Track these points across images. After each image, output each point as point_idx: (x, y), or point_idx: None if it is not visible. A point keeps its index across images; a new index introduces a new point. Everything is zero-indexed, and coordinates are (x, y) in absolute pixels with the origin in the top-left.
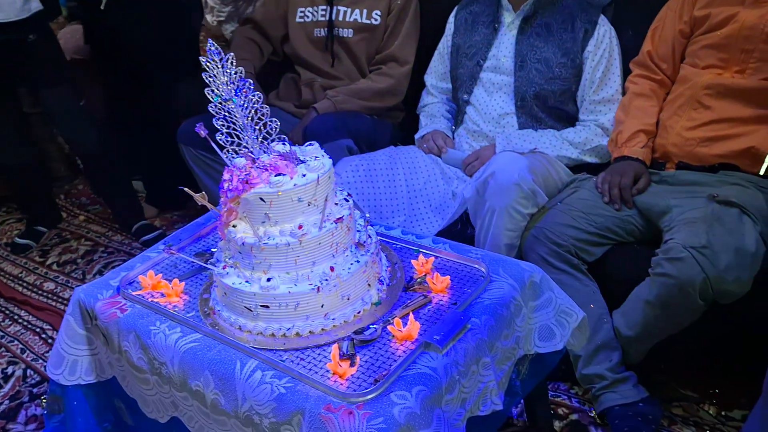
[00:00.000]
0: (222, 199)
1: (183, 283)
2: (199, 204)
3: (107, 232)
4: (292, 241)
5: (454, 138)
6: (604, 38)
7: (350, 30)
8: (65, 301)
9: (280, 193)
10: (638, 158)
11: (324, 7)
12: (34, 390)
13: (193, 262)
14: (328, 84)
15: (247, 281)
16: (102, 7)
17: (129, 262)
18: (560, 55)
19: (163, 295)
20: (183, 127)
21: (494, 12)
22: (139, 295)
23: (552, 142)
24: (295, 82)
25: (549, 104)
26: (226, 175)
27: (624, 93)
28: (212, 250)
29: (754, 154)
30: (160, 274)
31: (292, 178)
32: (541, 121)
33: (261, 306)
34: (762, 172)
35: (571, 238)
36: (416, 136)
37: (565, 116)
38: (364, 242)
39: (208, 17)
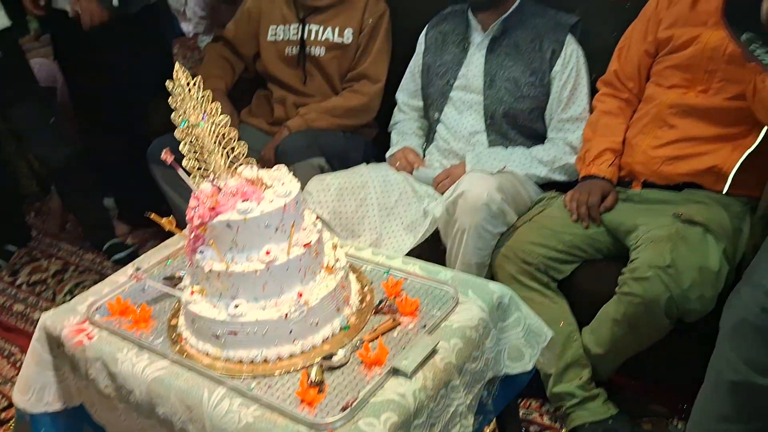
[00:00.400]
0: (189, 226)
1: (151, 308)
2: (166, 229)
3: (78, 250)
4: (260, 268)
5: (425, 156)
6: (571, 58)
7: (322, 48)
8: (35, 323)
9: (246, 220)
10: (605, 176)
11: (296, 25)
12: (2, 414)
13: (160, 287)
14: (300, 101)
15: (214, 308)
16: (71, 16)
17: (96, 286)
18: (528, 74)
19: (130, 321)
20: (153, 146)
21: (464, 31)
22: (106, 321)
23: (521, 160)
24: (267, 100)
25: (518, 122)
26: (192, 202)
27: (591, 111)
28: (181, 273)
29: (717, 173)
30: (128, 299)
31: (259, 204)
32: (510, 139)
33: (229, 333)
34: (725, 190)
35: (541, 256)
36: (387, 154)
37: (534, 134)
38: (333, 266)
39: (186, 26)
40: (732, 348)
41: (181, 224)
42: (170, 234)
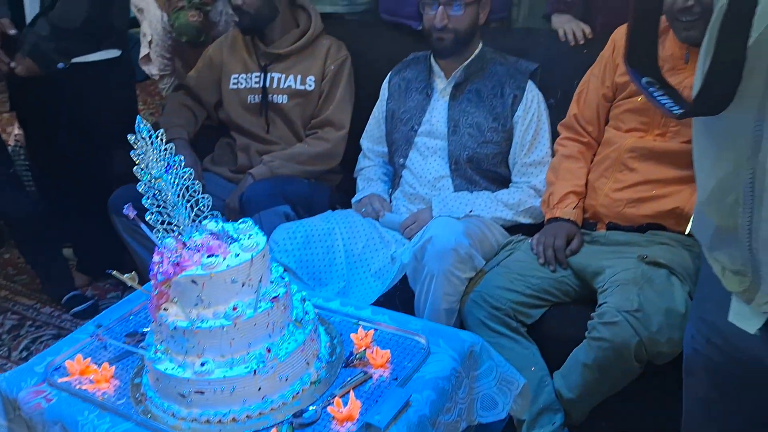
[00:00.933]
0: (152, 282)
1: (113, 367)
2: (129, 285)
3: (35, 303)
4: (227, 324)
5: (391, 201)
6: (532, 103)
7: (285, 96)
8: None
9: (212, 275)
10: (570, 219)
11: (258, 74)
12: None
13: (122, 346)
14: (264, 149)
15: (180, 366)
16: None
17: (55, 345)
18: (491, 119)
19: (92, 381)
20: (114, 196)
21: (427, 78)
22: (65, 381)
23: (487, 204)
24: (230, 147)
25: (482, 167)
26: (156, 257)
27: (553, 155)
28: (144, 330)
29: (679, 214)
30: (89, 358)
31: (225, 259)
32: (475, 184)
33: (195, 392)
34: (687, 231)
35: (510, 301)
36: (353, 200)
37: (499, 178)
38: (302, 319)
39: (149, 69)
40: (691, 379)
41: (144, 276)
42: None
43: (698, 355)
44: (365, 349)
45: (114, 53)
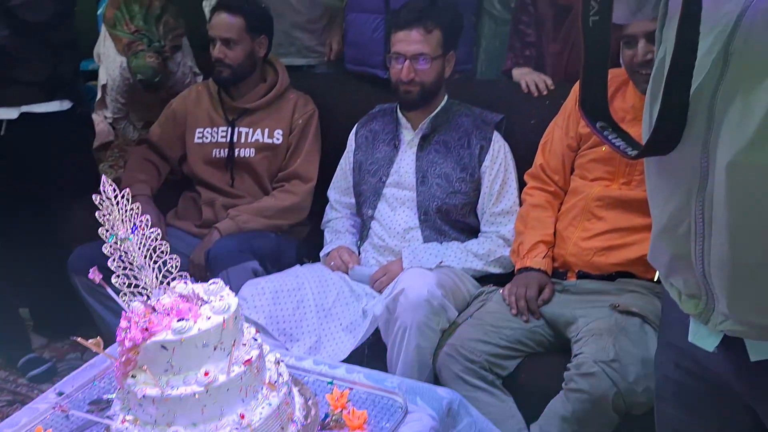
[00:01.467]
0: (119, 349)
1: None
2: (93, 351)
3: None
4: (198, 390)
5: (360, 253)
6: (499, 153)
7: (252, 150)
8: None
9: (183, 340)
10: (540, 269)
11: (224, 128)
12: None
13: (86, 416)
14: (229, 203)
15: None
16: None
17: (14, 416)
18: (459, 170)
19: None
20: (74, 255)
21: (394, 130)
22: None
23: (457, 254)
24: (194, 201)
25: (451, 217)
26: (123, 323)
27: (521, 204)
28: (109, 396)
29: (647, 262)
30: (50, 429)
31: (195, 322)
32: (445, 234)
33: None
34: (656, 278)
35: (484, 353)
36: (321, 254)
37: (468, 228)
38: (275, 381)
39: (104, 112)
40: (663, 405)
41: (108, 338)
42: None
43: (667, 381)
44: (341, 410)
45: (66, 105)
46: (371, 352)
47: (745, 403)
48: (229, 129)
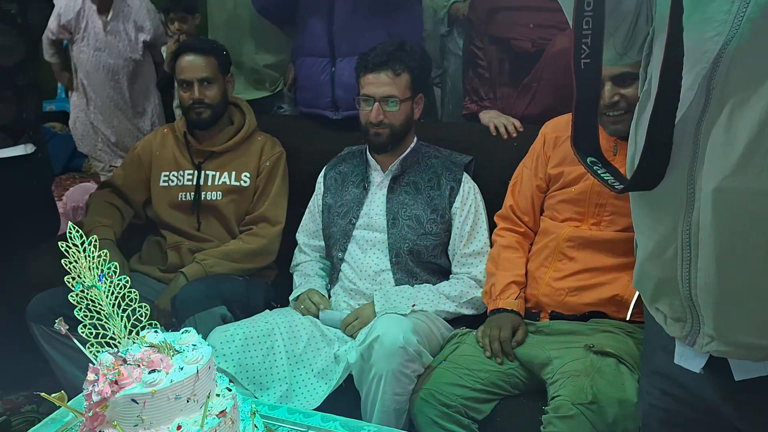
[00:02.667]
0: (86, 404)
1: None
2: (57, 405)
3: None
4: None
5: (330, 297)
6: (469, 194)
7: (219, 193)
8: None
9: (154, 392)
10: (513, 309)
11: (191, 171)
12: None
13: None
14: (196, 246)
15: None
16: None
17: None
18: (429, 211)
19: None
20: (33, 303)
21: (363, 171)
22: None
23: (429, 297)
24: (159, 245)
25: (423, 259)
26: (91, 375)
27: (492, 245)
28: None
29: (619, 301)
30: None
31: (167, 374)
32: (416, 277)
33: None
34: (628, 317)
35: (460, 397)
36: (291, 297)
37: (439, 270)
38: None
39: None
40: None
41: (68, 389)
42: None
43: (654, 409)
44: None
45: (29, 149)
46: (345, 400)
47: (733, 426)
48: (196, 172)
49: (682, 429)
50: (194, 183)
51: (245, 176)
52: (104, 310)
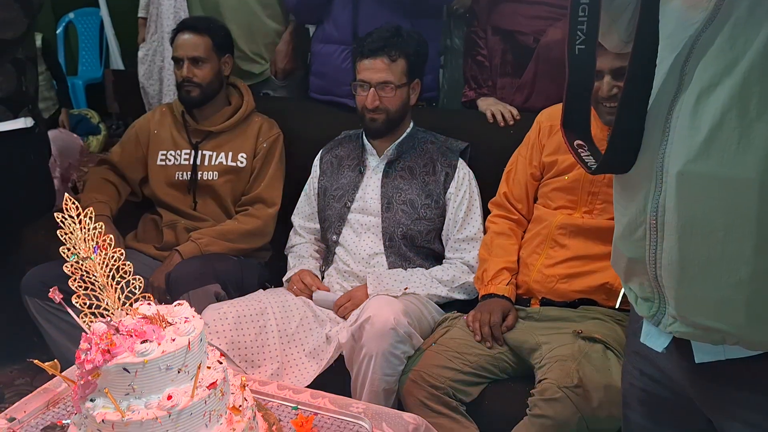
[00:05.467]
0: (78, 371)
1: None
2: (50, 373)
3: None
4: (161, 415)
5: (323, 278)
6: (464, 180)
7: (215, 173)
8: None
9: (146, 362)
10: (504, 295)
11: (188, 151)
12: None
13: None
14: (192, 225)
15: None
16: None
17: None
18: (424, 196)
19: None
20: (28, 277)
21: (359, 156)
22: None
23: (422, 280)
24: (155, 224)
25: (416, 243)
26: (83, 344)
27: (485, 231)
28: (65, 421)
29: (608, 289)
30: None
31: (159, 344)
32: (409, 260)
33: None
34: (617, 305)
35: (448, 380)
36: (284, 278)
37: (433, 254)
38: (240, 406)
39: None
40: (629, 412)
41: (62, 362)
42: (42, 371)
43: (633, 389)
44: None
45: (29, 122)
46: (334, 379)
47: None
48: (193, 152)
49: (658, 408)
50: (191, 162)
51: (242, 157)
52: (98, 282)
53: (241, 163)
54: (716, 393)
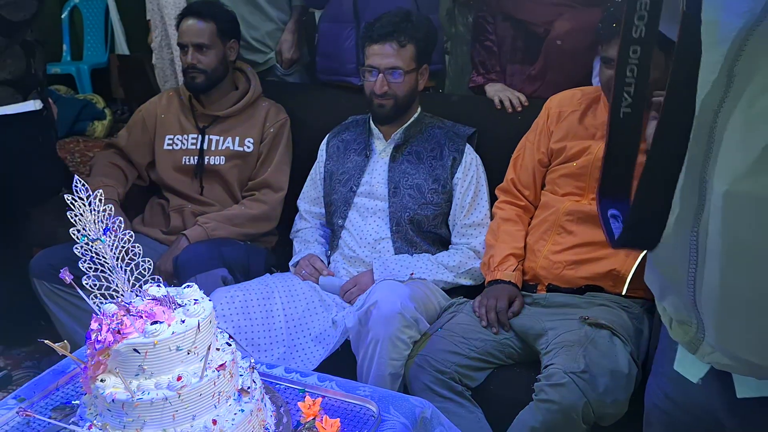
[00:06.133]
0: (88, 351)
1: None
2: (60, 354)
3: None
4: (170, 395)
5: (329, 263)
6: (471, 165)
7: (222, 158)
8: None
9: (156, 343)
10: (511, 281)
11: (195, 135)
12: None
13: (50, 422)
14: (199, 210)
15: None
16: None
17: None
18: (431, 181)
19: None
20: (36, 259)
21: (366, 140)
22: None
23: (428, 266)
24: (162, 208)
25: (423, 228)
26: (94, 324)
27: (492, 217)
28: (73, 402)
29: (615, 276)
30: None
31: (169, 326)
32: (416, 246)
33: None
34: (624, 292)
35: (454, 365)
36: (291, 263)
37: (439, 240)
38: (248, 388)
39: None
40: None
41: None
42: (49, 353)
43: (657, 410)
44: (314, 418)
45: (38, 105)
46: (340, 364)
47: None
48: (200, 136)
49: None
50: (198, 147)
51: (249, 142)
52: (108, 263)
53: (248, 147)
54: (763, 427)
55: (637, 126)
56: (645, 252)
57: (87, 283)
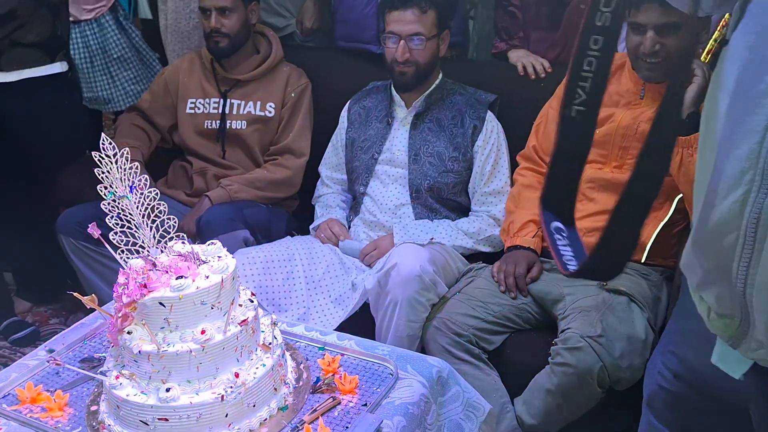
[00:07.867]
0: (116, 305)
1: (67, 394)
2: (88, 307)
3: None
4: (195, 348)
5: (350, 228)
6: (492, 133)
7: (243, 122)
8: None
9: (181, 297)
10: (530, 247)
11: (216, 99)
12: None
13: (79, 371)
14: (221, 173)
15: (143, 392)
16: None
17: (3, 371)
18: (452, 149)
19: (44, 409)
20: (63, 217)
21: (387, 107)
22: (15, 410)
23: (448, 232)
24: (185, 171)
25: (443, 196)
26: (121, 278)
27: (512, 184)
28: (100, 355)
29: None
30: (41, 385)
31: (194, 281)
32: (436, 212)
33: (159, 419)
34: (643, 259)
35: (472, 328)
36: (311, 226)
37: (459, 207)
38: (270, 344)
39: None
40: (653, 414)
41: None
42: (75, 310)
43: (662, 391)
44: (333, 375)
45: (65, 66)
46: (359, 326)
47: (747, 415)
48: (221, 101)
49: (689, 413)
50: (219, 111)
51: (270, 106)
52: (134, 220)
53: (270, 112)
54: None
55: (590, 128)
56: (666, 220)
57: (114, 239)
